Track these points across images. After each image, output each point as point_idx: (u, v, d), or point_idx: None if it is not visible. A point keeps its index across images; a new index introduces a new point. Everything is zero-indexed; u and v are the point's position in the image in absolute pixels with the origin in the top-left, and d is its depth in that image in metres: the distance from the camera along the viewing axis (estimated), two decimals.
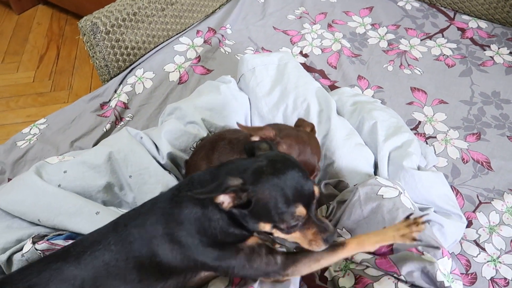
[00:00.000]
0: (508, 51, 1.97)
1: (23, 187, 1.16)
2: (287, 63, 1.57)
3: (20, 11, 3.48)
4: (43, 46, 3.19)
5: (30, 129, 1.69)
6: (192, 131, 1.38)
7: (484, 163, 1.53)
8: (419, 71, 1.90)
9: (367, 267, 1.11)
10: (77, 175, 1.19)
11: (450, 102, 1.75)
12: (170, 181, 1.26)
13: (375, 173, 1.36)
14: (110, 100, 1.81)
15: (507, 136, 1.62)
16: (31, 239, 1.02)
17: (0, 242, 1.06)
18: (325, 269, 1.14)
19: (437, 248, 1.09)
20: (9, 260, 1.02)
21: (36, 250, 1.00)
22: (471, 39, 2.04)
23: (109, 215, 1.06)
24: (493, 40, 2.03)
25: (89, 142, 1.60)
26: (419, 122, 1.68)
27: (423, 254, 1.07)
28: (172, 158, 1.35)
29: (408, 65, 1.93)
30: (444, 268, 1.05)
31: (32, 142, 1.62)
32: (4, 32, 3.33)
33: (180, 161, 1.36)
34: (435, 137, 1.62)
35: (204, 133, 1.39)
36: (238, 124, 1.27)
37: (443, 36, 2.07)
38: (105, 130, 1.65)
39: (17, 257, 1.01)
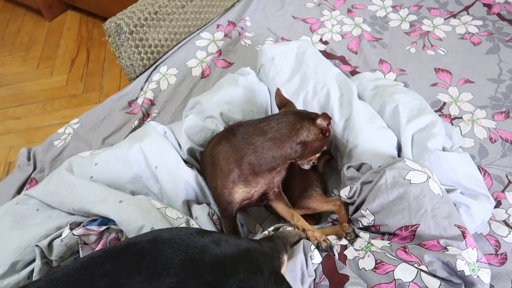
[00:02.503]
0: None
1: (57, 180, 1.25)
2: (306, 50, 1.58)
3: (51, 18, 3.65)
4: (73, 50, 3.33)
5: (65, 129, 1.79)
6: (210, 126, 1.42)
7: None
8: (443, 51, 1.86)
9: (387, 254, 1.11)
10: (107, 167, 1.26)
11: (477, 81, 1.71)
12: (192, 177, 1.30)
13: (399, 155, 1.35)
14: (137, 98, 1.88)
15: None
16: (68, 226, 1.11)
17: (42, 229, 1.14)
18: (345, 247, 1.15)
19: (461, 240, 1.08)
20: (50, 245, 1.10)
21: (74, 235, 1.09)
22: (498, 15, 1.97)
23: (131, 204, 1.13)
24: None
25: (119, 138, 1.67)
26: (444, 103, 1.65)
27: (446, 249, 1.06)
28: (192, 153, 1.40)
29: (432, 45, 1.89)
30: (469, 257, 1.05)
31: (67, 141, 1.72)
32: (37, 39, 3.50)
33: (199, 156, 1.40)
34: (461, 118, 1.59)
35: (221, 128, 1.43)
36: (278, 91, 1.31)
37: (468, 14, 2.01)
38: (133, 126, 1.72)
39: (56, 242, 1.10)
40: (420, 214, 1.11)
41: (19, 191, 1.56)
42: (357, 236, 1.20)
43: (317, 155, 1.26)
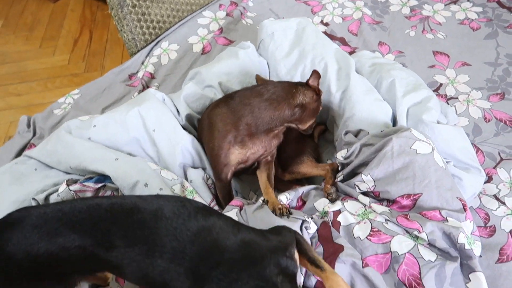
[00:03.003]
0: None
1: (56, 140, 1.28)
2: (305, 27, 1.60)
3: (55, 0, 3.66)
4: (76, 31, 3.35)
5: (65, 99, 1.82)
6: (208, 95, 1.44)
7: (507, 121, 1.51)
8: (442, 35, 1.88)
9: (387, 221, 1.13)
10: (105, 130, 1.29)
11: (474, 64, 1.73)
12: (188, 141, 1.33)
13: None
14: (137, 71, 1.90)
15: None
16: (65, 182, 1.14)
17: (39, 185, 1.17)
18: (339, 212, 1.15)
19: (462, 212, 1.11)
20: (47, 199, 1.13)
21: (70, 190, 1.11)
22: (498, 2, 1.99)
23: (127, 162, 1.17)
24: None
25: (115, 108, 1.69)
26: (441, 84, 1.67)
27: (446, 220, 1.09)
28: (190, 119, 1.43)
29: (431, 29, 1.91)
30: (466, 230, 1.08)
31: (67, 110, 1.74)
32: (41, 20, 3.52)
33: (197, 123, 1.43)
34: (457, 98, 1.61)
35: (219, 97, 1.44)
36: (257, 76, 1.33)
37: (468, 0, 2.02)
38: (133, 98, 1.74)
39: (53, 197, 1.13)
40: (424, 184, 1.13)
41: (18, 156, 1.58)
42: (338, 197, 1.21)
43: (315, 118, 1.28)
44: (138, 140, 1.30)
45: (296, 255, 0.94)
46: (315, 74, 1.21)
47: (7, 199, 1.14)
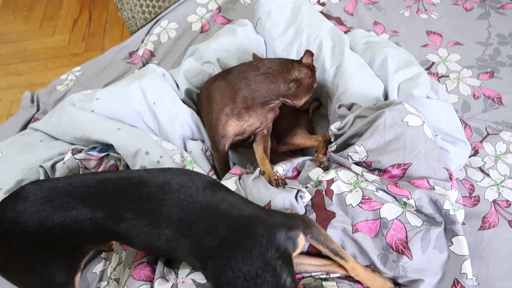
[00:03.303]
0: None
1: (60, 112, 1.34)
2: (302, 5, 1.64)
3: None
4: (76, 11, 3.37)
5: (67, 76, 1.87)
6: (207, 70, 1.50)
7: (495, 98, 1.56)
8: (436, 15, 1.92)
9: (378, 190, 1.19)
10: (107, 102, 1.34)
11: (466, 44, 1.77)
12: (188, 114, 1.39)
13: None
14: (137, 49, 1.94)
15: None
16: (71, 151, 1.19)
17: (46, 154, 1.23)
18: (332, 181, 1.20)
19: (448, 181, 1.17)
20: (53, 167, 1.18)
21: (75, 159, 1.17)
22: None
23: (128, 131, 1.22)
24: None
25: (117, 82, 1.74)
26: (433, 62, 1.72)
27: (433, 188, 1.15)
28: (189, 94, 1.48)
29: (425, 10, 1.95)
30: (452, 198, 1.14)
31: (69, 86, 1.79)
32: (40, 0, 3.53)
33: (195, 98, 1.48)
34: (448, 76, 1.66)
35: (217, 72, 1.49)
36: (254, 54, 1.38)
37: None
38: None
39: (59, 165, 1.18)
40: (414, 154, 1.18)
41: (23, 129, 1.63)
42: (330, 166, 1.27)
43: (310, 94, 1.34)
44: (139, 113, 1.35)
45: (300, 239, 0.96)
46: (308, 53, 1.26)
47: (16, 166, 1.20)
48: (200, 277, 0.98)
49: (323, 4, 2.02)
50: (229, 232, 0.86)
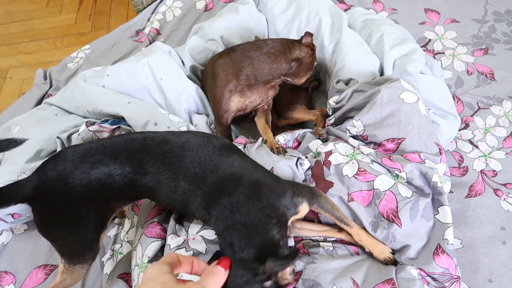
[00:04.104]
0: None
1: (73, 87, 1.43)
2: None
3: None
4: None
5: (77, 53, 1.94)
6: (211, 48, 1.57)
7: (488, 74, 1.62)
8: None
9: (372, 162, 1.27)
10: (117, 78, 1.42)
11: (462, 21, 1.82)
12: (193, 89, 1.47)
13: None
14: (144, 28, 2.01)
15: None
16: (85, 123, 1.28)
17: (62, 127, 1.33)
18: (330, 152, 1.28)
19: (437, 156, 1.24)
20: (69, 138, 1.28)
21: (89, 131, 1.26)
22: None
23: (138, 104, 1.32)
24: None
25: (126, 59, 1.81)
26: (429, 40, 1.77)
27: (424, 162, 1.23)
28: (194, 70, 1.56)
29: None
30: (440, 171, 1.22)
31: (79, 63, 1.87)
32: None
33: (200, 74, 1.56)
34: (443, 53, 1.71)
35: (221, 49, 1.57)
36: (256, 37, 1.44)
37: None
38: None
39: (74, 136, 1.28)
40: (408, 129, 1.26)
41: (37, 105, 1.72)
42: (328, 138, 1.35)
43: (310, 72, 1.41)
44: (147, 88, 1.44)
45: (303, 207, 1.03)
46: (307, 33, 1.32)
47: (35, 137, 1.29)
48: (209, 234, 1.08)
49: None
50: (235, 188, 0.94)
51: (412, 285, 1.05)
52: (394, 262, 1.15)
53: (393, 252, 1.17)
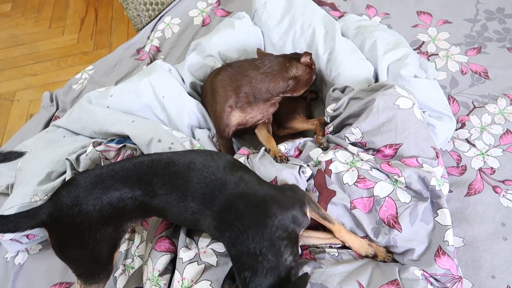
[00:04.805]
0: None
1: (79, 109, 1.49)
2: None
3: None
4: (82, 10, 3.50)
5: (81, 75, 2.01)
6: (209, 64, 1.62)
7: (481, 73, 1.65)
8: None
9: (372, 168, 1.30)
10: (121, 98, 1.48)
11: (454, 22, 1.85)
12: (194, 105, 1.52)
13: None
14: (144, 46, 2.07)
15: (507, 48, 1.71)
16: (92, 144, 1.33)
17: (70, 148, 1.38)
18: (330, 161, 1.31)
19: (435, 159, 1.28)
20: (77, 159, 1.33)
21: (97, 151, 1.31)
22: None
23: (142, 122, 1.37)
24: None
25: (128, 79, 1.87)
26: (423, 42, 1.80)
27: (422, 166, 1.26)
28: (194, 87, 1.62)
29: None
30: (438, 174, 1.25)
31: (84, 84, 1.93)
32: (47, 1, 3.68)
33: (200, 90, 1.61)
34: (437, 54, 1.74)
35: (219, 65, 1.62)
36: (258, 49, 1.49)
37: None
38: (142, 70, 1.92)
39: (83, 157, 1.33)
40: (404, 135, 1.29)
41: (45, 127, 1.78)
42: (329, 146, 1.39)
43: (309, 86, 1.45)
44: (150, 106, 1.49)
45: (309, 212, 1.10)
46: (306, 54, 1.37)
47: (44, 160, 1.35)
48: (218, 247, 1.12)
49: None
50: (245, 209, 0.98)
51: (416, 285, 1.08)
52: (374, 256, 1.19)
53: (391, 253, 1.21)
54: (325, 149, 1.36)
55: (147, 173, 1.05)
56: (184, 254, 1.05)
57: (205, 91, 1.53)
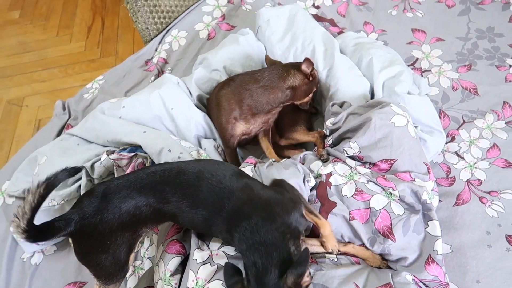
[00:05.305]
0: None
1: (93, 119, 1.58)
2: (297, 13, 1.84)
3: None
4: (89, 18, 3.60)
5: (92, 84, 2.10)
6: (215, 77, 1.72)
7: (471, 89, 1.76)
8: (421, 13, 2.10)
9: (368, 182, 1.39)
10: (132, 109, 1.57)
11: (447, 39, 1.96)
12: (201, 117, 1.62)
13: (372, 99, 1.62)
14: (152, 57, 2.16)
15: (496, 66, 1.82)
16: (106, 152, 1.43)
17: (84, 156, 1.47)
18: (330, 174, 1.39)
19: (426, 174, 1.37)
20: (92, 166, 1.43)
21: (110, 159, 1.40)
22: None
23: (153, 133, 1.47)
24: None
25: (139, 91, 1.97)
26: (417, 58, 1.91)
27: (414, 180, 1.35)
28: (200, 99, 1.72)
29: (411, 8, 2.13)
30: (429, 188, 1.35)
31: (95, 94, 2.03)
32: (55, 9, 3.77)
33: (206, 102, 1.72)
34: (430, 71, 1.85)
35: (224, 78, 1.72)
36: (266, 56, 1.58)
37: None
38: (150, 81, 2.01)
39: (97, 164, 1.43)
40: (399, 151, 1.38)
41: (58, 135, 1.87)
42: (328, 158, 1.48)
43: (310, 95, 1.55)
44: (159, 117, 1.58)
45: (304, 212, 1.19)
46: (307, 61, 1.47)
47: (60, 167, 1.43)
48: (229, 250, 1.21)
49: (317, 7, 2.21)
50: (252, 211, 1.09)
51: None
52: (338, 253, 1.29)
53: (386, 260, 1.30)
54: (325, 161, 1.45)
55: (159, 182, 1.14)
56: (198, 255, 1.15)
57: (210, 105, 1.63)
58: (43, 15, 3.71)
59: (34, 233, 1.06)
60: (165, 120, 1.59)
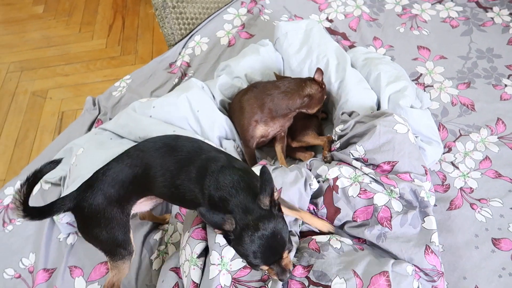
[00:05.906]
0: (508, 12, 2.28)
1: (126, 116, 1.75)
2: (313, 28, 2.01)
3: None
4: (110, 17, 3.76)
5: (120, 83, 2.27)
6: (237, 84, 1.89)
7: (469, 105, 1.93)
8: (426, 32, 2.26)
9: (371, 181, 1.54)
10: (162, 109, 1.74)
11: (449, 57, 2.13)
12: (223, 119, 1.79)
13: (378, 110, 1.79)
14: (176, 61, 2.33)
15: (493, 85, 1.99)
16: None
17: (118, 150, 1.59)
18: (337, 178, 1.54)
19: (424, 175, 1.54)
20: None
21: None
22: (476, 2, 2.35)
23: (181, 132, 1.64)
24: (496, 3, 2.33)
25: (163, 92, 2.15)
26: (421, 74, 2.08)
27: (413, 180, 1.51)
28: (223, 104, 1.89)
29: (418, 26, 2.30)
30: (426, 188, 1.50)
31: (122, 92, 2.20)
32: (77, 6, 3.93)
33: (227, 106, 1.89)
34: (432, 86, 2.02)
35: (245, 85, 1.89)
36: (275, 73, 1.77)
37: (451, 0, 2.39)
38: (174, 83, 2.19)
39: None
40: (400, 154, 1.54)
41: (89, 129, 2.05)
42: (332, 160, 1.64)
43: (321, 104, 1.73)
44: (186, 118, 1.75)
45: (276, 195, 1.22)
46: (319, 71, 1.65)
47: (98, 159, 1.59)
48: None
49: (331, 21, 2.38)
50: (215, 165, 1.24)
51: (403, 280, 1.27)
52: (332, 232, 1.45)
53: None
54: (328, 162, 1.62)
55: (144, 156, 1.32)
56: (220, 239, 1.31)
57: (233, 108, 1.80)
58: (66, 11, 3.88)
59: (32, 213, 1.27)
60: (191, 121, 1.76)
